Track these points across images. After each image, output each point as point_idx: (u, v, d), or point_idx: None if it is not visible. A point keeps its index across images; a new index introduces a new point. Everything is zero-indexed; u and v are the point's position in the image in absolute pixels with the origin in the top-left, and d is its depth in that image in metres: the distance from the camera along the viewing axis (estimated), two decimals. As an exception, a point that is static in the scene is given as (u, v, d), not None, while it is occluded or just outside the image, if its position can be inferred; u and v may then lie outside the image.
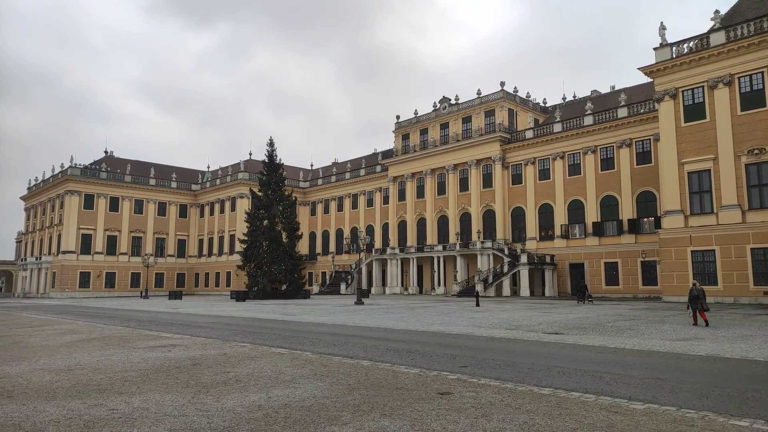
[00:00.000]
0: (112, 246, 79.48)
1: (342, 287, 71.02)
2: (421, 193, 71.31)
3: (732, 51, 38.39)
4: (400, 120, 74.99)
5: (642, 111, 52.32)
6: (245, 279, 78.68)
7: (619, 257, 52.30)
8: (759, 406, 6.57)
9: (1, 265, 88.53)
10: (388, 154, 77.42)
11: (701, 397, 7.04)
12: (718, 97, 39.05)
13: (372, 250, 72.02)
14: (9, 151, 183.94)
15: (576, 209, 56.58)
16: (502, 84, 64.38)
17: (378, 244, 73.88)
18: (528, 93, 68.43)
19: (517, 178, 62.22)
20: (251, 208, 59.58)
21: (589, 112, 56.52)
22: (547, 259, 55.89)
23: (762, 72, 37.46)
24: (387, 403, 6.79)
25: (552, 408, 6.40)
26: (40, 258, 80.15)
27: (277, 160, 58.09)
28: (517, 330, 17.78)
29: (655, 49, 42.56)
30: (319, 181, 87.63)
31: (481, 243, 59.38)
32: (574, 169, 57.16)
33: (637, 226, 51.47)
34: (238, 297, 48.50)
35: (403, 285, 68.57)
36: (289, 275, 54.86)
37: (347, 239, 51.89)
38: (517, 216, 61.93)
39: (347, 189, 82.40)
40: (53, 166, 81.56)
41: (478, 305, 34.32)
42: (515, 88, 66.10)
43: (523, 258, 54.44)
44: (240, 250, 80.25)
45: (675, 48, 41.85)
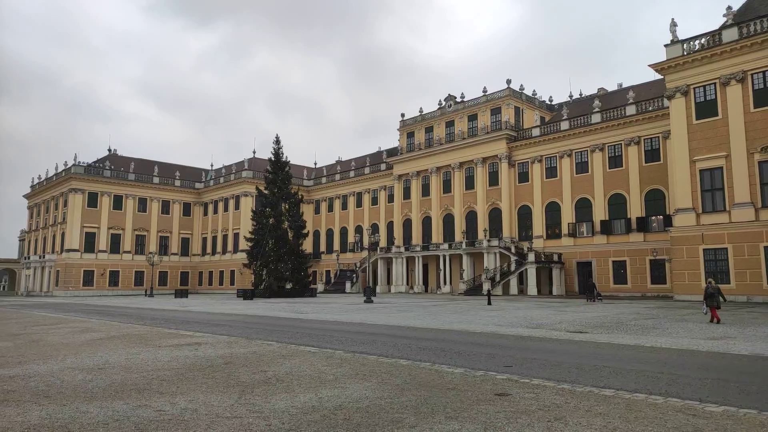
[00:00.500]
0: (115, 244, 79.15)
1: (347, 286, 70.74)
2: (426, 191, 70.98)
3: (745, 47, 38.04)
4: (405, 118, 74.65)
5: (650, 108, 52.00)
6: (250, 277, 78.50)
7: (627, 256, 52.02)
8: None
9: (4, 263, 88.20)
10: (392, 153, 77.12)
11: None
12: (730, 94, 38.73)
13: (377, 248, 71.71)
14: (10, 151, 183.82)
15: (583, 207, 56.27)
16: (509, 82, 64.06)
17: (383, 242, 73.50)
18: (534, 91, 68.11)
19: (523, 176, 61.91)
20: (258, 206, 59.25)
21: (596, 109, 56.18)
22: (555, 257, 55.58)
23: (776, 69, 37.15)
24: (446, 404, 6.48)
25: (624, 411, 6.09)
26: (44, 256, 79.80)
27: (283, 158, 57.73)
28: (540, 329, 17.48)
29: (666, 46, 42.23)
30: (323, 180, 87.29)
31: (488, 241, 59.09)
32: (582, 167, 56.83)
33: (645, 225, 51.18)
34: (245, 295, 48.16)
35: (408, 284, 68.29)
36: (296, 274, 54.51)
37: (357, 238, 51.37)
38: (524, 214, 61.63)
39: (351, 187, 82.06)
40: (56, 165, 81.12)
41: (489, 303, 34.02)
42: (521, 85, 65.77)
43: (531, 256, 54.17)
44: (245, 248, 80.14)
45: (686, 45, 41.52)
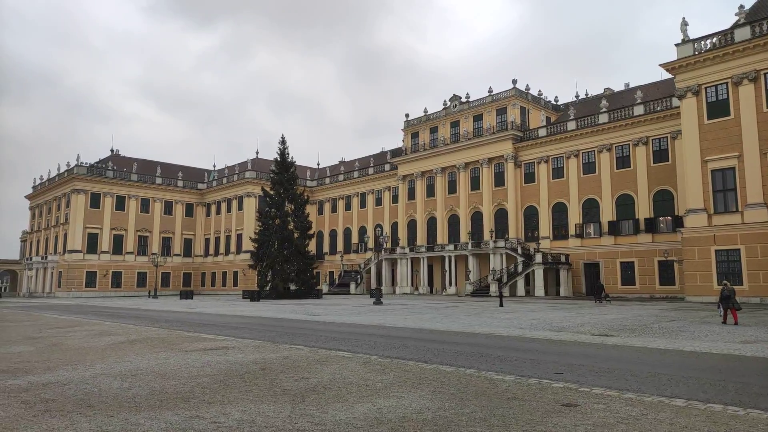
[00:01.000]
0: (118, 245, 78.73)
1: (351, 287, 70.39)
2: (431, 191, 70.64)
3: (758, 46, 37.75)
4: (409, 118, 74.33)
5: (659, 108, 51.69)
6: (254, 278, 78.18)
7: (635, 257, 51.69)
8: None
9: (5, 264, 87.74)
10: (396, 153, 76.77)
11: None
12: (743, 94, 38.42)
13: (382, 249, 71.37)
14: (10, 151, 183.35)
15: (591, 208, 55.95)
16: (514, 82, 63.74)
17: (387, 243, 73.05)
18: (540, 91, 67.82)
19: (529, 177, 61.58)
20: (264, 207, 58.91)
21: (604, 109, 55.86)
22: (562, 258, 55.24)
23: (790, 68, 36.87)
24: (515, 416, 6.14)
25: (709, 423, 5.76)
26: (46, 257, 79.37)
27: (289, 158, 57.36)
28: (564, 332, 17.14)
29: (677, 45, 41.93)
30: (327, 180, 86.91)
31: (494, 242, 58.73)
32: (589, 167, 56.51)
33: (654, 226, 50.86)
34: (252, 297, 47.75)
35: (412, 285, 67.91)
36: (301, 275, 54.14)
37: (367, 238, 51.07)
38: (530, 215, 61.30)
39: (355, 188, 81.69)
40: (59, 165, 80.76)
41: (501, 305, 33.66)
42: (527, 85, 65.47)
43: (538, 257, 53.79)
44: (248, 249, 79.77)
45: (696, 44, 41.22)
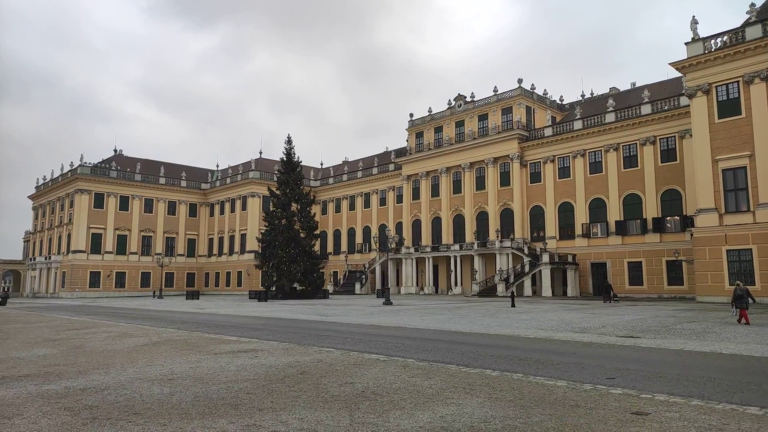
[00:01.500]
0: (122, 245, 78.44)
1: (356, 287, 70.14)
2: (436, 191, 70.38)
3: (770, 45, 37.53)
4: (413, 118, 74.07)
5: (666, 108, 51.47)
6: (258, 279, 77.93)
7: (643, 257, 51.45)
8: None
9: (8, 264, 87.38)
10: (400, 153, 76.46)
11: None
12: (754, 93, 38.20)
13: (387, 249, 71.02)
14: (11, 151, 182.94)
15: (598, 208, 55.71)
16: (520, 81, 63.51)
17: (392, 244, 72.73)
18: (545, 90, 67.57)
19: (535, 177, 61.33)
20: (269, 207, 58.66)
21: (610, 109, 55.63)
22: (569, 258, 55.00)
23: (803, 66, 36.65)
24: (588, 426, 5.88)
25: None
26: (50, 257, 79.04)
27: (295, 158, 57.08)
28: (587, 333, 16.89)
29: (687, 44, 41.71)
30: (330, 180, 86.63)
31: (500, 242, 58.47)
32: (596, 167, 56.28)
33: (662, 225, 50.63)
34: (259, 297, 47.48)
35: (418, 285, 67.67)
36: (308, 275, 53.86)
37: (375, 237, 50.78)
38: (536, 215, 61.06)
39: (359, 188, 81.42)
40: (62, 165, 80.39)
41: (513, 306, 33.42)
42: (532, 85, 65.25)
43: (545, 257, 53.52)
44: (252, 249, 79.56)
45: (706, 43, 41.00)
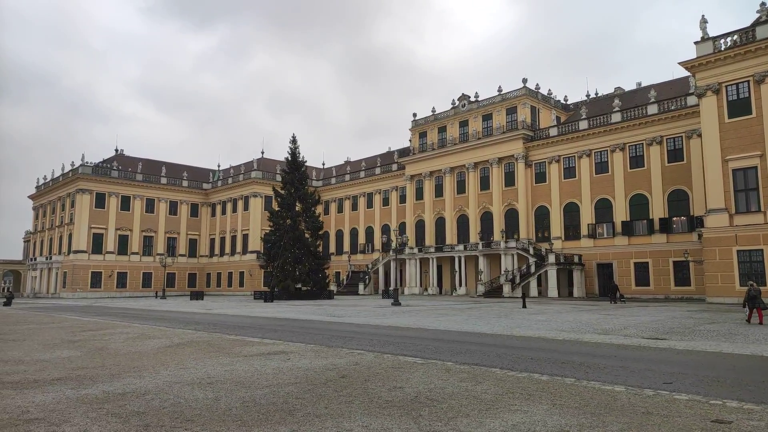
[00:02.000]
0: (123, 245, 77.94)
1: (360, 287, 69.79)
2: (439, 191, 70.08)
3: (781, 44, 37.33)
4: (416, 118, 73.77)
5: (673, 108, 51.27)
6: (260, 279, 77.59)
7: (650, 257, 51.22)
8: None
9: (8, 265, 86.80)
10: (404, 153, 76.19)
11: None
12: (765, 92, 37.97)
13: (389, 249, 70.83)
14: (10, 151, 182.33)
15: (603, 208, 55.47)
16: (524, 81, 63.28)
17: (395, 243, 72.49)
18: (549, 90, 67.36)
19: (540, 177, 61.07)
20: (272, 207, 58.37)
21: (616, 109, 55.41)
22: (575, 259, 54.75)
23: (814, 66, 36.43)
24: None
25: None
26: (51, 257, 78.50)
27: (300, 157, 56.70)
28: (612, 335, 16.60)
29: (696, 43, 41.48)
30: (333, 180, 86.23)
31: (505, 243, 58.22)
32: (601, 167, 56.04)
33: (668, 226, 50.42)
34: (265, 297, 47.07)
35: (421, 285, 67.36)
36: (313, 275, 53.51)
37: (384, 238, 50.47)
38: (541, 215, 60.79)
39: (362, 188, 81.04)
40: (63, 165, 79.92)
41: (524, 306, 33.15)
42: (537, 84, 65.04)
43: (551, 258, 53.26)
44: (254, 249, 79.19)
45: (715, 42, 40.79)
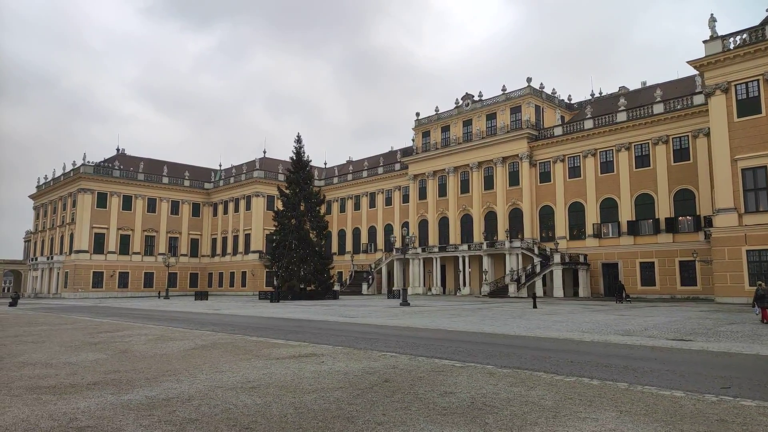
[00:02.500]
0: (125, 245, 77.53)
1: (363, 287, 69.62)
2: (443, 191, 69.86)
3: (791, 43, 37.21)
4: (420, 117, 73.52)
5: (679, 107, 51.14)
6: (262, 279, 77.32)
7: (655, 257, 51.09)
8: None
9: (9, 264, 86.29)
10: (407, 152, 75.94)
11: None
12: (775, 91, 37.86)
13: (392, 249, 70.60)
14: (9, 151, 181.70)
15: (609, 208, 55.32)
16: (529, 80, 63.09)
17: (398, 243, 72.37)
18: (554, 89, 67.17)
19: (545, 176, 60.90)
20: (278, 206, 58.10)
21: (622, 108, 55.24)
22: (581, 258, 54.58)
23: (825, 65, 36.31)
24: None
25: None
26: (52, 257, 78.03)
27: (305, 157, 56.42)
28: (635, 336, 16.37)
29: (705, 42, 41.35)
30: (335, 180, 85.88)
31: (510, 242, 58.04)
32: (607, 166, 55.89)
33: (674, 225, 50.29)
34: (272, 298, 46.74)
35: (425, 285, 67.15)
36: (318, 275, 53.24)
37: (393, 238, 50.26)
38: (546, 215, 60.63)
39: (364, 187, 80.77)
40: (64, 165, 79.54)
41: (535, 307, 32.96)
42: (541, 84, 64.86)
43: (557, 258, 53.05)
44: (256, 249, 78.91)
45: (724, 41, 40.64)
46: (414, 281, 66.99)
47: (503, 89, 65.01)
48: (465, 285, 61.91)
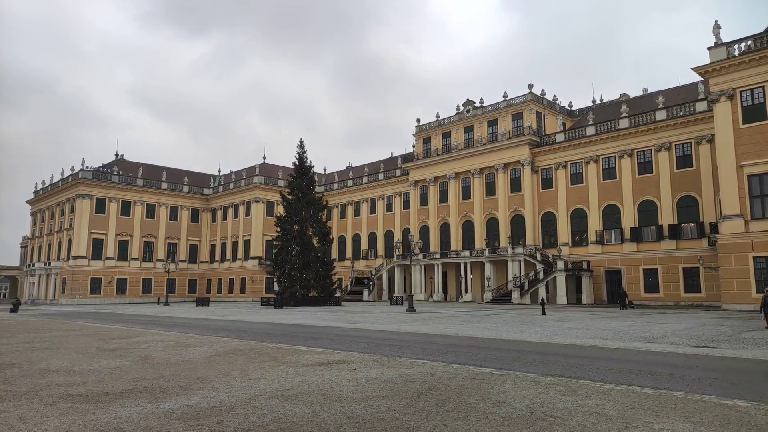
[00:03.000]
0: (123, 251, 76.88)
1: (364, 294, 69.25)
2: (444, 197, 69.66)
3: (797, 50, 37.25)
4: (420, 123, 73.41)
5: (682, 113, 51.16)
6: (262, 285, 76.83)
7: (659, 264, 50.96)
8: None
9: (5, 270, 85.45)
10: (407, 158, 75.73)
11: None
12: (780, 98, 37.86)
13: (393, 255, 70.29)
14: (5, 156, 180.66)
15: (611, 214, 55.21)
16: (530, 87, 63.10)
17: (401, 249, 72.07)
18: (555, 96, 67.19)
19: (547, 183, 60.80)
20: (279, 212, 57.72)
21: (624, 114, 55.24)
22: (584, 265, 54.40)
23: (832, 72, 36.34)
24: None
25: None
26: (49, 263, 77.24)
27: (307, 162, 56.12)
28: (656, 343, 16.11)
29: (710, 48, 41.38)
30: (335, 186, 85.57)
31: (512, 249, 57.88)
32: (609, 173, 55.84)
33: (678, 232, 50.21)
34: (275, 304, 46.26)
35: (426, 292, 66.82)
36: (321, 281, 52.84)
37: (398, 243, 49.95)
38: (548, 221, 60.47)
39: (365, 193, 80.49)
40: (62, 170, 78.92)
41: (544, 313, 32.70)
42: (542, 90, 64.90)
43: (560, 264, 52.90)
44: (256, 255, 78.45)
45: (729, 48, 40.67)
46: (415, 288, 66.62)
47: (504, 96, 65.02)
48: (467, 291, 61.66)
